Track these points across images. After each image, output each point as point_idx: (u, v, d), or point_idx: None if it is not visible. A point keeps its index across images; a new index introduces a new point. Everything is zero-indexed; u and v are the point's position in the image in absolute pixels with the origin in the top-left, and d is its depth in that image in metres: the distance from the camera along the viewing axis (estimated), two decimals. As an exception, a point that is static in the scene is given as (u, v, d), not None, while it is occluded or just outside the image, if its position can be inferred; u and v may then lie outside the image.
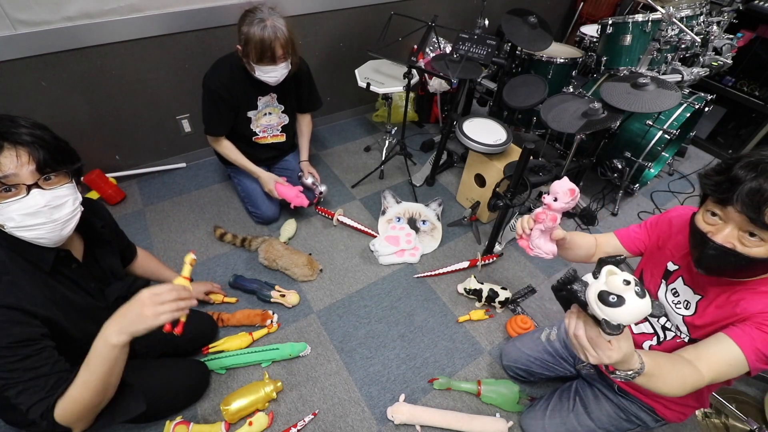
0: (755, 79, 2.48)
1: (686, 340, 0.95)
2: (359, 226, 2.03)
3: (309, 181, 2.03)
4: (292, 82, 1.82)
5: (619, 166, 2.08)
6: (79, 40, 1.72)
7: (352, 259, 1.91)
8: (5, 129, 0.80)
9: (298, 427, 1.33)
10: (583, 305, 0.61)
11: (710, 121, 2.74)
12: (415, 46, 2.31)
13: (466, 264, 1.88)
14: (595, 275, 0.61)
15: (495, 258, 1.93)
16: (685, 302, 0.95)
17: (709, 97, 1.96)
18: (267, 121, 1.90)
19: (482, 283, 1.73)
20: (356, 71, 2.22)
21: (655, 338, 1.03)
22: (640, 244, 1.10)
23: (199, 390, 1.39)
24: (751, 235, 0.74)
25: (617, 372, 0.72)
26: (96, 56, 1.80)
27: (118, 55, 1.85)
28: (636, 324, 1.07)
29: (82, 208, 0.94)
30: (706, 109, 2.00)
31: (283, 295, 1.67)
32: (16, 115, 0.84)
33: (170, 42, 1.92)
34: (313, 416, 1.37)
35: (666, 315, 1.00)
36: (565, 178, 1.00)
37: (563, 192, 0.98)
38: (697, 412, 1.47)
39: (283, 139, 2.01)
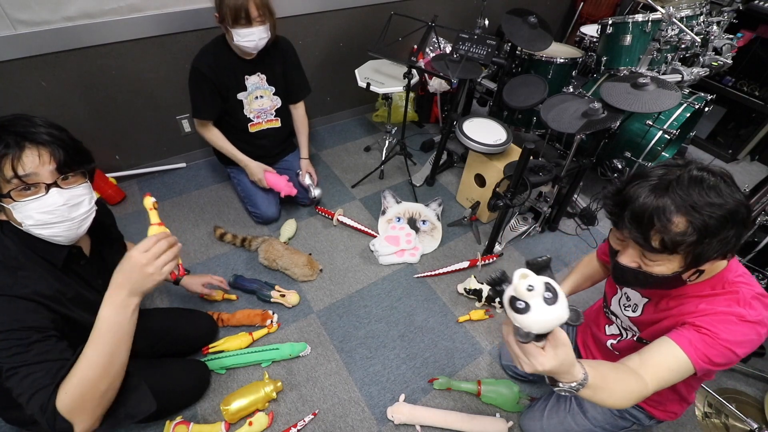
0: (755, 79, 2.48)
1: (634, 338, 0.99)
2: (359, 226, 2.03)
3: (306, 181, 2.03)
4: (280, 62, 1.82)
5: (619, 166, 2.08)
6: (79, 40, 1.72)
7: (352, 259, 1.91)
8: (25, 129, 0.81)
9: (298, 427, 1.33)
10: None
11: (710, 121, 2.75)
12: (415, 46, 2.31)
13: (466, 264, 1.88)
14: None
15: (495, 258, 1.93)
16: (634, 305, 0.98)
17: (709, 97, 1.96)
18: (260, 105, 1.88)
19: (482, 283, 1.73)
20: (356, 71, 2.22)
21: (618, 338, 1.06)
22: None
23: (199, 390, 1.39)
24: (648, 256, 0.75)
25: (560, 384, 0.65)
26: (96, 56, 1.80)
27: (118, 55, 1.85)
28: (607, 326, 1.10)
29: (96, 207, 0.96)
30: (706, 109, 2.00)
31: (283, 295, 1.67)
32: (32, 115, 0.85)
33: (170, 42, 1.92)
34: (313, 416, 1.37)
35: (622, 333, 1.04)
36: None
37: None
38: (696, 412, 1.47)
39: (278, 124, 1.98)
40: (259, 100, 1.87)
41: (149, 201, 0.87)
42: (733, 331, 0.75)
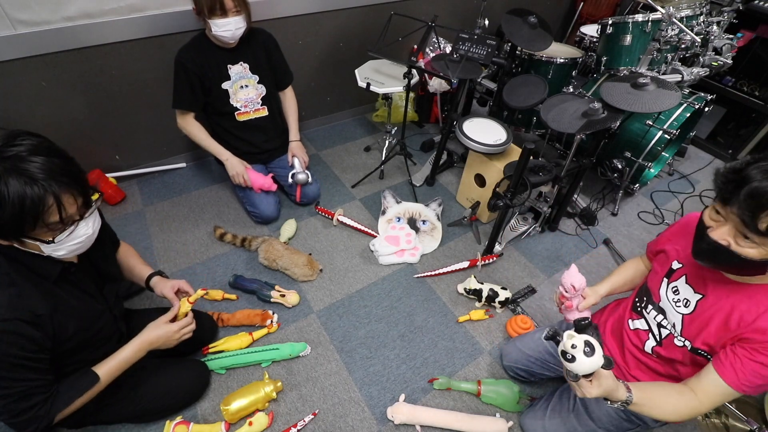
0: (755, 79, 2.48)
1: (677, 338, 0.98)
2: (359, 226, 2.03)
3: (296, 165, 2.02)
4: (261, 51, 1.86)
5: (619, 166, 2.08)
6: (79, 40, 1.72)
7: (352, 259, 1.91)
8: (46, 173, 0.79)
9: (298, 427, 1.33)
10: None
11: (710, 121, 2.74)
12: (415, 46, 2.31)
13: (466, 264, 1.88)
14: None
15: (495, 258, 1.93)
16: (685, 300, 0.97)
17: (709, 97, 1.96)
18: (245, 95, 1.89)
19: (482, 283, 1.73)
20: (356, 71, 2.22)
21: (651, 337, 1.05)
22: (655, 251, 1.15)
23: (199, 390, 1.39)
24: (746, 237, 0.75)
25: (608, 402, 0.88)
26: (96, 56, 1.80)
27: (118, 55, 1.85)
28: (632, 321, 1.12)
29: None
30: (706, 109, 2.00)
31: (283, 295, 1.67)
32: (24, 153, 0.79)
33: (170, 42, 1.92)
34: (313, 416, 1.37)
35: (653, 330, 1.06)
36: (573, 270, 1.14)
37: (568, 287, 1.14)
38: (697, 412, 1.47)
39: (265, 113, 1.98)
40: (244, 90, 1.88)
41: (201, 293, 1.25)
42: None
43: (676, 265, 1.01)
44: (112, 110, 1.98)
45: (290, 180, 2.03)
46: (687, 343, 0.95)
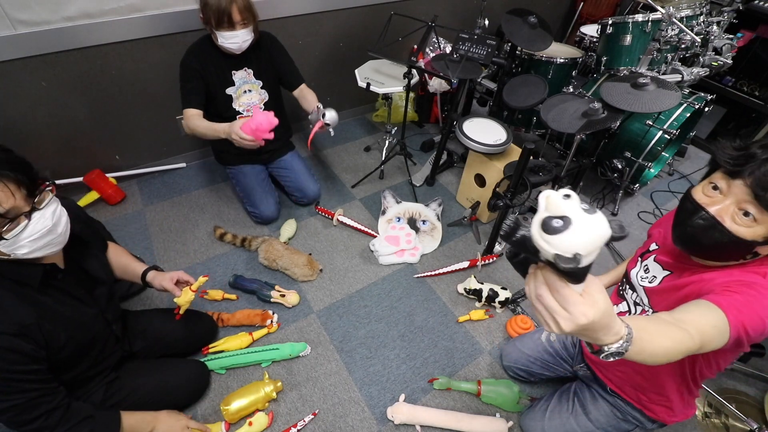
0: (755, 79, 2.48)
1: (648, 311, 0.98)
2: (359, 226, 2.03)
3: (321, 109, 1.74)
4: (265, 57, 1.84)
5: (619, 166, 2.08)
6: (79, 40, 1.72)
7: (352, 259, 1.91)
8: None
9: (298, 427, 1.33)
10: (534, 251, 0.47)
11: (710, 121, 2.74)
12: (415, 46, 2.31)
13: (466, 264, 1.88)
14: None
15: (495, 258, 1.93)
16: (652, 277, 0.99)
17: (709, 97, 1.96)
18: (248, 99, 1.88)
19: (482, 283, 1.73)
20: (356, 71, 2.22)
21: (627, 314, 1.06)
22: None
23: (199, 390, 1.39)
24: (746, 214, 0.75)
25: (605, 348, 0.56)
26: (96, 56, 1.80)
27: (118, 55, 1.85)
28: (616, 306, 1.10)
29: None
30: (706, 109, 2.00)
31: (283, 295, 1.67)
32: None
33: (170, 42, 1.92)
34: (313, 416, 1.37)
35: (631, 309, 1.04)
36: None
37: None
38: (696, 412, 1.47)
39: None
40: (247, 95, 1.88)
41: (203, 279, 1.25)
42: (761, 299, 0.74)
43: (653, 246, 1.04)
44: (112, 110, 1.98)
45: (319, 118, 1.72)
46: (652, 311, 0.97)
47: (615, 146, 2.09)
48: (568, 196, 0.44)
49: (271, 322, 1.60)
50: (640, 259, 1.06)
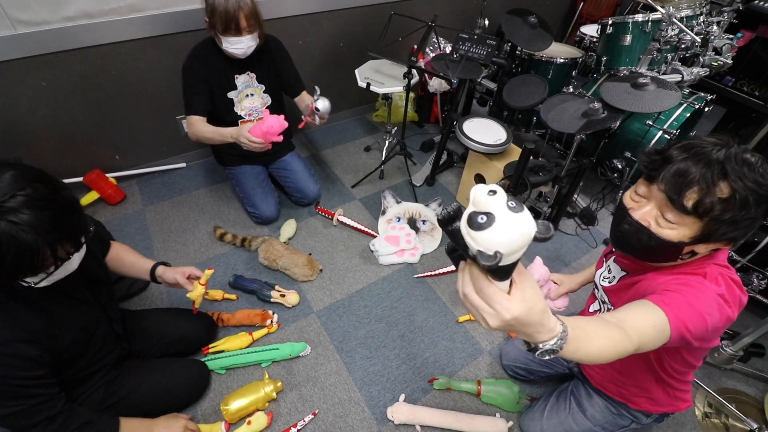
0: (755, 79, 2.48)
1: (611, 309, 1.00)
2: (359, 226, 2.03)
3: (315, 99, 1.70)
4: (268, 61, 1.83)
5: (619, 166, 2.08)
6: (79, 40, 1.72)
7: (352, 259, 1.91)
8: (39, 229, 0.79)
9: (298, 427, 1.33)
10: (464, 247, 0.45)
11: (710, 121, 2.74)
12: (415, 46, 2.31)
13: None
14: None
15: (495, 258, 1.93)
16: (612, 277, 1.03)
17: (709, 97, 1.96)
18: (250, 104, 1.87)
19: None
20: (356, 71, 2.22)
21: (598, 313, 1.09)
22: None
23: (199, 390, 1.39)
24: (667, 218, 0.77)
25: (540, 345, 0.55)
26: (96, 56, 1.80)
27: (118, 55, 1.85)
28: (591, 306, 1.13)
29: None
30: (706, 109, 2.00)
31: (283, 295, 1.67)
32: (18, 206, 0.78)
33: (170, 42, 1.92)
34: (313, 416, 1.37)
35: (602, 308, 1.06)
36: (537, 262, 1.11)
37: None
38: (696, 412, 1.47)
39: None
40: (249, 99, 1.87)
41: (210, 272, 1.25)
42: (700, 297, 0.76)
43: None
44: (112, 110, 1.98)
45: (313, 104, 1.70)
46: (611, 307, 1.00)
47: (615, 146, 2.09)
48: (493, 192, 0.42)
49: (271, 322, 1.60)
50: (604, 259, 1.09)
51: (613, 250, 1.06)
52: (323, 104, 1.70)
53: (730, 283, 0.80)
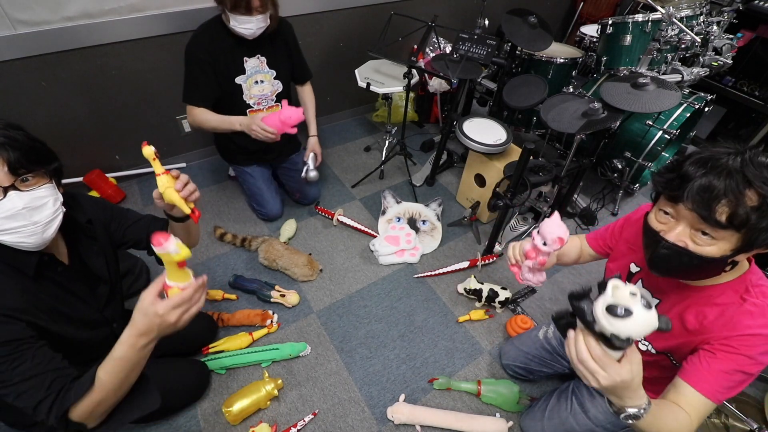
0: (755, 79, 2.48)
1: (641, 342, 0.96)
2: (359, 226, 2.03)
3: (309, 159, 1.91)
4: (281, 45, 1.73)
5: (619, 166, 2.08)
6: (79, 40, 1.72)
7: (352, 259, 1.91)
8: None
9: (298, 427, 1.33)
10: (590, 323, 0.60)
11: (710, 121, 2.74)
12: (415, 46, 2.31)
13: (466, 264, 1.88)
14: (600, 290, 0.63)
15: (495, 258, 1.93)
16: None
17: (709, 97, 1.96)
18: (260, 91, 1.76)
19: (482, 283, 1.73)
20: (356, 71, 2.22)
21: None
22: (603, 245, 1.16)
23: (199, 390, 1.39)
24: (703, 233, 0.73)
25: (627, 409, 0.68)
26: (96, 56, 1.80)
27: (118, 55, 1.85)
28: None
29: (64, 209, 0.90)
30: (706, 109, 2.00)
31: (283, 295, 1.67)
32: None
33: (170, 42, 1.92)
34: (313, 416, 1.37)
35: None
36: (556, 219, 0.94)
37: (552, 239, 0.92)
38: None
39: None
40: (259, 85, 1.75)
41: (149, 150, 0.84)
42: (755, 365, 0.76)
43: (634, 268, 1.00)
44: (112, 110, 1.98)
45: (303, 175, 1.88)
46: (650, 347, 0.95)
47: (615, 146, 2.09)
48: (634, 294, 0.57)
49: (271, 322, 1.60)
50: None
51: (632, 271, 1.01)
52: (312, 176, 1.92)
53: None
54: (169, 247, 0.70)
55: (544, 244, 0.93)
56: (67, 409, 0.80)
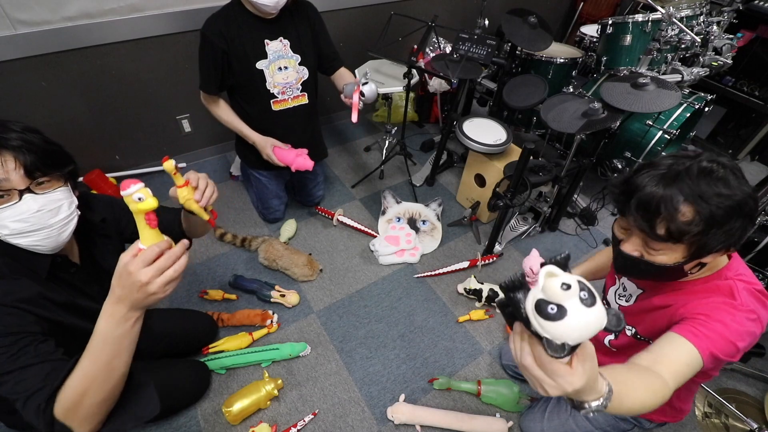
0: (755, 79, 2.48)
1: (631, 335, 0.97)
2: (359, 226, 2.03)
3: (361, 82, 1.66)
4: (305, 27, 1.59)
5: (619, 166, 2.08)
6: (79, 40, 1.72)
7: (352, 259, 1.91)
8: None
9: (298, 427, 1.33)
10: (526, 322, 0.45)
11: (710, 121, 2.74)
12: (415, 46, 2.31)
13: (466, 264, 1.88)
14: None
15: (495, 258, 1.93)
16: (628, 295, 1.00)
17: (709, 97, 1.96)
18: (284, 78, 1.60)
19: (482, 283, 1.73)
20: (356, 71, 2.22)
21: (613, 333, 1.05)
22: None
23: (199, 390, 1.39)
24: (650, 245, 0.74)
25: (586, 405, 0.56)
26: (96, 56, 1.80)
27: (118, 55, 1.85)
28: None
29: (79, 212, 0.90)
30: (706, 109, 2.00)
31: (283, 295, 1.67)
32: (8, 120, 0.81)
33: (170, 42, 1.92)
34: (313, 416, 1.37)
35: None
36: (534, 255, 0.93)
37: (529, 272, 0.92)
38: (696, 412, 1.47)
39: (305, 100, 1.71)
40: (282, 72, 1.59)
41: (170, 165, 0.82)
42: (731, 325, 0.74)
43: None
44: (112, 110, 1.98)
45: (359, 86, 1.65)
46: (633, 329, 0.97)
47: (615, 146, 2.09)
48: (568, 286, 0.42)
49: (271, 322, 1.60)
50: (617, 276, 1.05)
51: None
52: (370, 90, 1.59)
53: (759, 297, 0.78)
54: (131, 189, 0.63)
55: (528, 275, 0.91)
56: (53, 394, 0.74)
